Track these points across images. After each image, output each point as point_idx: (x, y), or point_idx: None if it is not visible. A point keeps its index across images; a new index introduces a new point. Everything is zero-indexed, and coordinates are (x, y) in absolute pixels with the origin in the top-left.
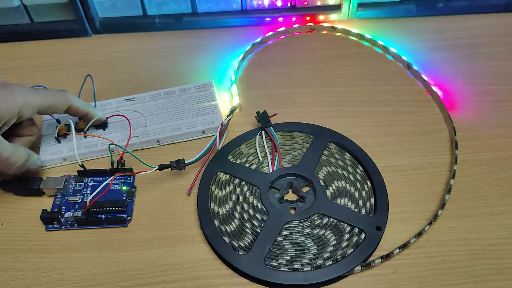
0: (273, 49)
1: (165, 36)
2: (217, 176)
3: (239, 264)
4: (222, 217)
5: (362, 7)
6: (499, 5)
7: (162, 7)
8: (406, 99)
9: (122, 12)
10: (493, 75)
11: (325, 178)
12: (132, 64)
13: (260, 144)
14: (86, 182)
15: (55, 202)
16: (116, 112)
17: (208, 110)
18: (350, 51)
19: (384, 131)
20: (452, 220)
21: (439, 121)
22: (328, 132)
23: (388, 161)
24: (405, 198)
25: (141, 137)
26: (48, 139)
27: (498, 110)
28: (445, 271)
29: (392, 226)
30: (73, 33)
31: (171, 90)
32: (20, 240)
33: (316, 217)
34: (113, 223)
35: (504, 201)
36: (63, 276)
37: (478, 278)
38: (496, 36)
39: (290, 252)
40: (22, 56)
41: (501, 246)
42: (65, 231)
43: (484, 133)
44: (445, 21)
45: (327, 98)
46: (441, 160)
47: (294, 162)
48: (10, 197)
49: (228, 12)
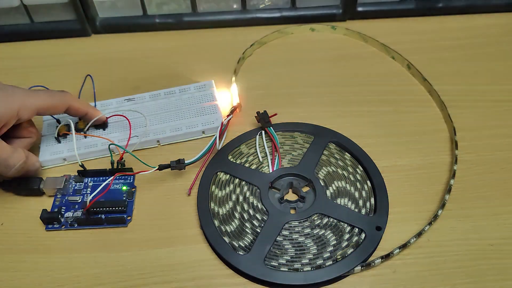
0: (273, 49)
1: (165, 36)
2: (217, 176)
3: (239, 264)
4: (222, 217)
5: (362, 6)
6: (499, 5)
7: (162, 7)
8: (406, 99)
9: (122, 12)
10: (493, 75)
11: (325, 178)
12: (132, 64)
13: (260, 144)
14: (86, 182)
15: (55, 202)
16: (116, 112)
17: (208, 110)
18: (350, 51)
19: (384, 131)
20: (452, 220)
21: (439, 121)
22: (328, 132)
23: (388, 161)
24: (405, 198)
25: (141, 137)
26: (48, 139)
27: (498, 110)
28: (445, 271)
29: (392, 226)
30: (73, 33)
31: (171, 90)
32: (20, 240)
33: (316, 217)
34: (113, 223)
35: (504, 201)
36: (63, 276)
37: (478, 278)
38: (496, 36)
39: (290, 252)
40: (22, 56)
41: (501, 246)
42: (65, 231)
43: (484, 133)
44: (445, 21)
45: (327, 98)
46: (441, 160)
47: (294, 162)
48: (10, 197)
49: (228, 12)
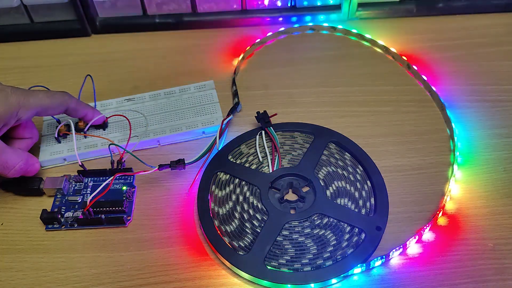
0: (273, 49)
1: (165, 36)
2: (217, 176)
3: (239, 264)
4: (222, 217)
5: (362, 7)
6: (499, 5)
7: (162, 7)
8: (406, 99)
9: (122, 12)
10: (493, 75)
11: (325, 178)
12: (132, 64)
13: (260, 144)
14: (86, 182)
15: (55, 202)
16: (116, 112)
17: (208, 110)
18: (350, 51)
19: (384, 131)
20: (452, 220)
21: (439, 121)
22: (328, 132)
23: (388, 161)
24: (405, 198)
25: (141, 137)
26: (48, 139)
27: (498, 110)
28: (445, 271)
29: (392, 226)
30: (73, 33)
31: (171, 90)
32: (20, 240)
33: (316, 217)
34: (113, 223)
35: (504, 201)
36: (63, 276)
37: (478, 278)
38: (496, 36)
39: (290, 252)
40: (22, 56)
41: (501, 246)
42: (65, 231)
43: (484, 133)
44: (445, 21)
45: (327, 98)
46: (441, 160)
47: (294, 162)
48: (10, 197)
49: (228, 12)
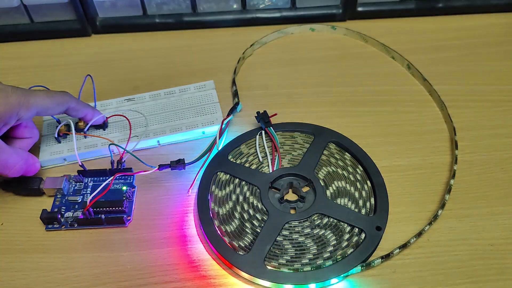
0: (273, 49)
1: (165, 36)
2: (217, 176)
3: (239, 264)
4: (222, 217)
5: (362, 7)
6: (499, 5)
7: (162, 7)
8: (406, 99)
9: (122, 12)
10: (493, 75)
11: (325, 178)
12: (132, 64)
13: (260, 144)
14: (86, 182)
15: (55, 202)
16: (116, 112)
17: (208, 110)
18: (350, 51)
19: (384, 131)
20: (452, 220)
21: (439, 121)
22: (328, 132)
23: (388, 161)
24: (405, 198)
25: (141, 137)
26: (48, 139)
27: (498, 110)
28: (445, 271)
29: (392, 226)
30: (73, 33)
31: (171, 90)
32: (20, 240)
33: (316, 217)
34: (113, 223)
35: (504, 201)
36: (63, 276)
37: (478, 278)
38: (496, 36)
39: (290, 252)
40: (22, 56)
41: (501, 246)
42: (65, 231)
43: (484, 133)
44: (445, 21)
45: (327, 98)
46: (441, 160)
47: (294, 162)
48: (10, 197)
49: (228, 12)
